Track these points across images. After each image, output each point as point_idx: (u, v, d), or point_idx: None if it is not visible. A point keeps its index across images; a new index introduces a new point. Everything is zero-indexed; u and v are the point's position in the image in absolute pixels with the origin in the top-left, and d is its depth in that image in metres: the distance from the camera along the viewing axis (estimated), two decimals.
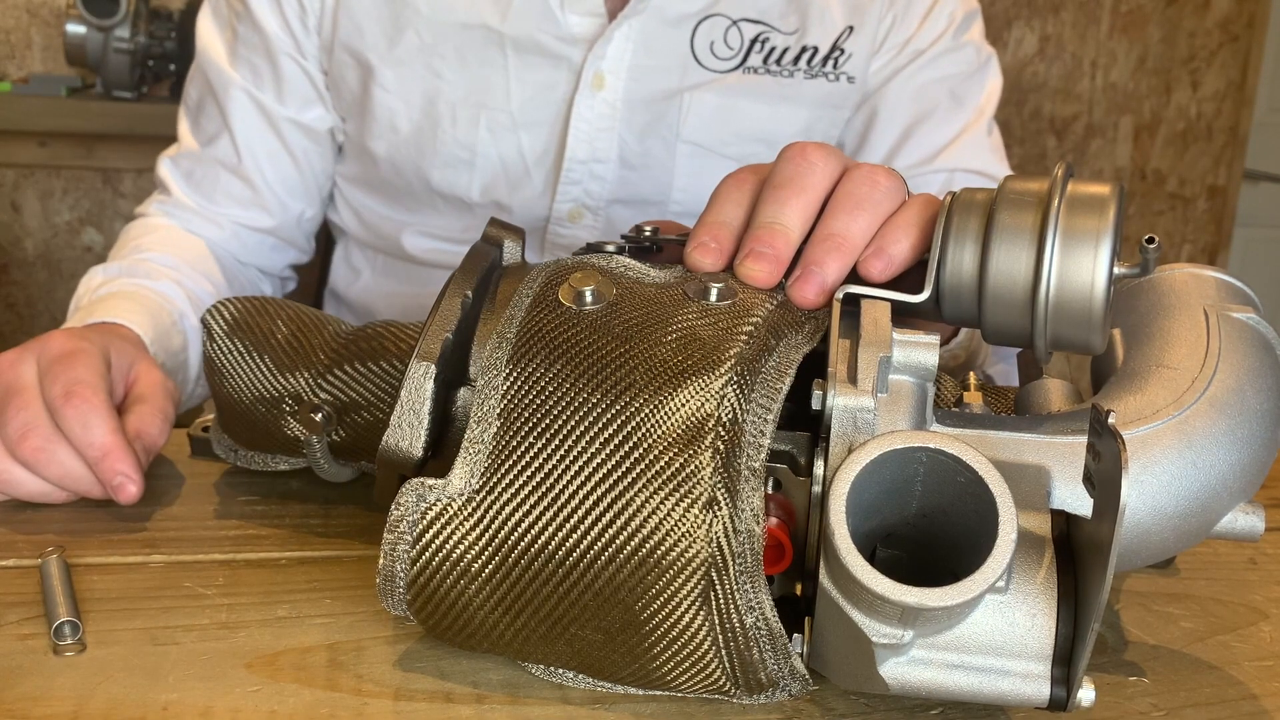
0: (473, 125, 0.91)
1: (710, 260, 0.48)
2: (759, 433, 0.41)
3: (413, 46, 0.90)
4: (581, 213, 0.94)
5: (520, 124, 0.92)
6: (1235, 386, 0.46)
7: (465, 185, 0.93)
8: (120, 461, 0.57)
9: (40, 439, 0.57)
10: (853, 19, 0.94)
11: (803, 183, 0.49)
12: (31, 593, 0.50)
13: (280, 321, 0.57)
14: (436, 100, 0.91)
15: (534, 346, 0.43)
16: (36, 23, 2.51)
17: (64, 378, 0.59)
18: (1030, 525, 0.41)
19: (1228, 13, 2.98)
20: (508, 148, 0.92)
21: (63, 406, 0.57)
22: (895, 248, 0.47)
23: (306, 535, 0.56)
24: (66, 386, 0.58)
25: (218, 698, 0.43)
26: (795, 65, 0.93)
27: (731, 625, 0.40)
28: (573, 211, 0.94)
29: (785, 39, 0.93)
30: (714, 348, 0.42)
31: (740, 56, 0.93)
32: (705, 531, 0.39)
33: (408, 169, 0.94)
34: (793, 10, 0.93)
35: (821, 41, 0.93)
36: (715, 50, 0.92)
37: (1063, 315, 0.44)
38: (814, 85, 0.94)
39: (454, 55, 0.90)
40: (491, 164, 0.92)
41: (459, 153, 0.92)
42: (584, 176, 0.93)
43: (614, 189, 0.93)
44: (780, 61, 0.93)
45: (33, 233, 2.68)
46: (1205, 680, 0.48)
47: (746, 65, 0.93)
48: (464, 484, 0.41)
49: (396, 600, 0.43)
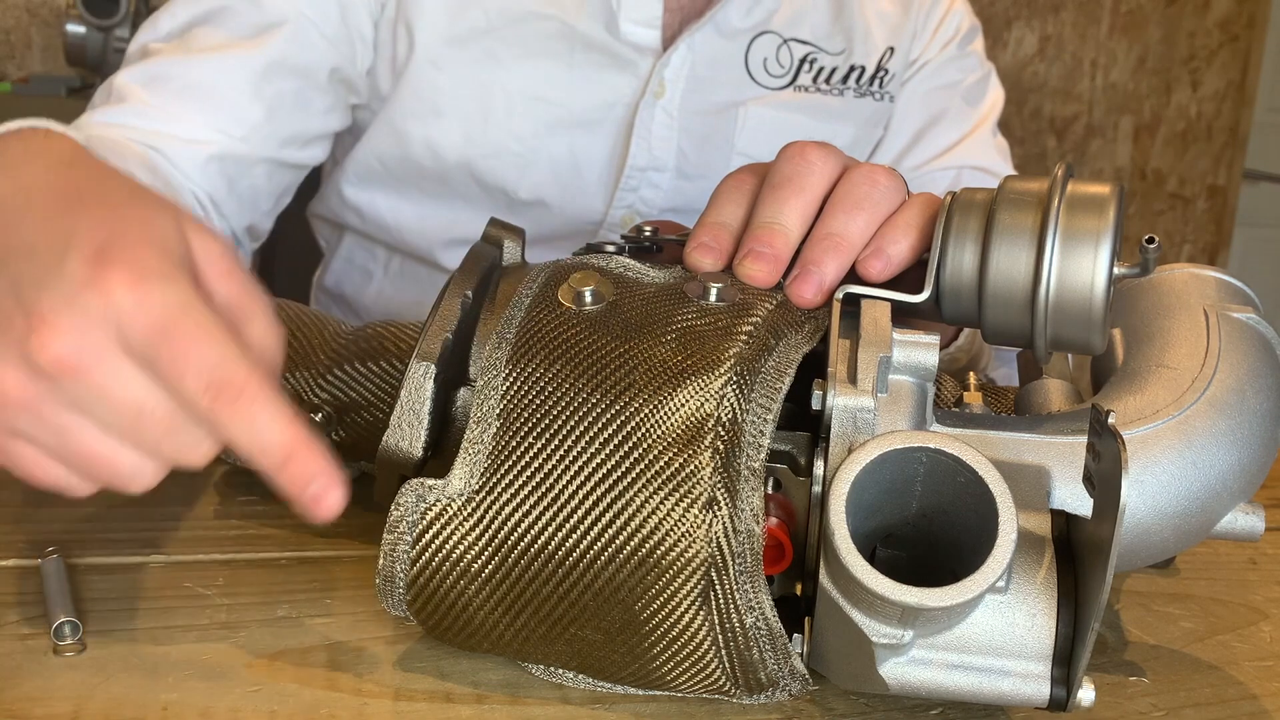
0: (528, 118, 0.90)
1: (709, 260, 0.48)
2: (759, 433, 0.41)
3: (476, 27, 0.88)
4: (634, 219, 0.94)
5: (580, 124, 0.91)
6: (1235, 386, 0.46)
7: (514, 180, 0.92)
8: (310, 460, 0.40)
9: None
10: (893, 40, 0.97)
11: (801, 182, 0.49)
12: (31, 593, 0.50)
13: (280, 321, 0.57)
14: (491, 86, 0.90)
15: (533, 347, 0.43)
16: (36, 23, 2.51)
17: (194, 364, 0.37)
18: (1030, 525, 0.41)
19: (1228, 13, 2.98)
20: (560, 147, 0.92)
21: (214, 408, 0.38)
22: (894, 248, 0.47)
23: (306, 535, 0.56)
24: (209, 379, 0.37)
25: (218, 698, 0.43)
26: (844, 84, 0.97)
27: (731, 625, 0.40)
28: (626, 218, 0.94)
29: (833, 59, 0.96)
30: (713, 348, 0.42)
31: (791, 75, 0.95)
32: (705, 531, 0.39)
33: (449, 154, 0.91)
34: (838, 32, 0.96)
35: (868, 62, 0.97)
36: (768, 68, 0.95)
37: (1063, 315, 0.44)
38: (861, 104, 0.97)
39: (518, 43, 0.89)
40: (542, 161, 0.92)
41: (510, 144, 0.91)
42: (641, 184, 0.93)
43: (669, 198, 0.94)
44: (830, 80, 0.96)
45: None
46: (1205, 680, 0.48)
47: (797, 84, 0.95)
48: (464, 484, 0.41)
49: (396, 601, 0.43)
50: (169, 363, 0.37)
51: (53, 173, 0.45)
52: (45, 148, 0.47)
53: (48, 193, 0.43)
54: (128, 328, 0.37)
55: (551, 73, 0.90)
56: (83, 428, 0.38)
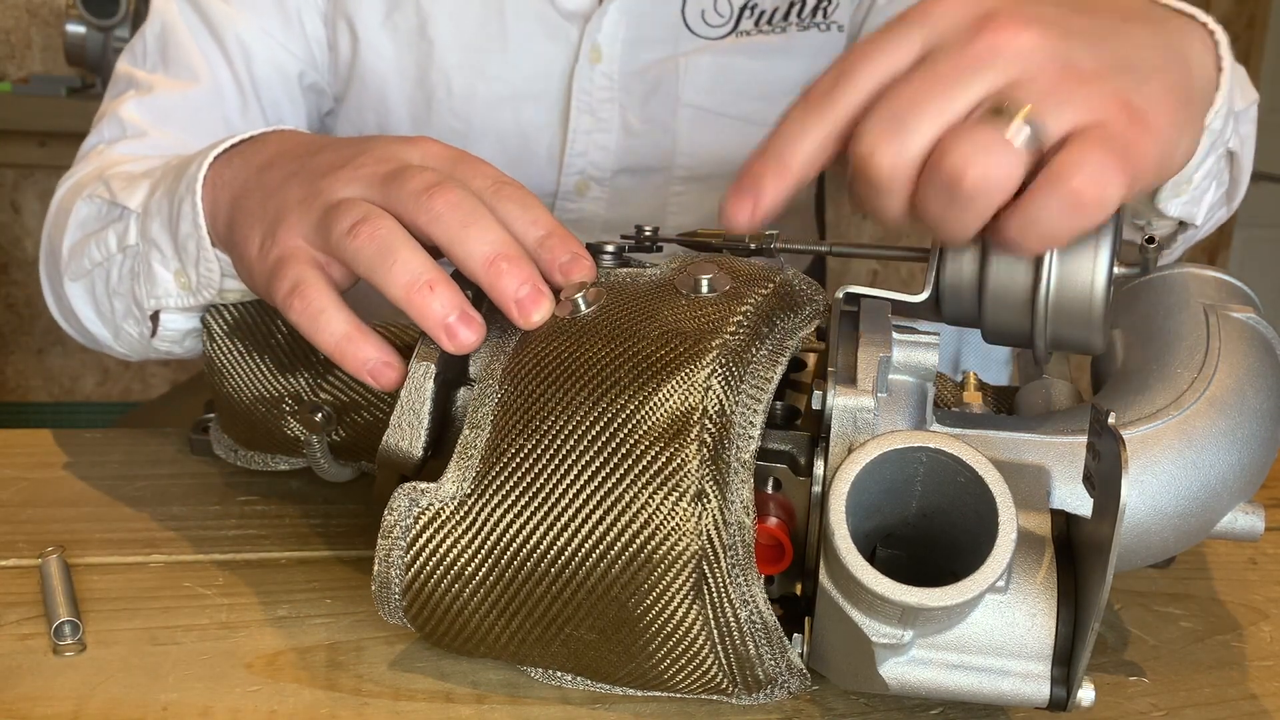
0: (468, 96, 0.91)
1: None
2: (748, 423, 0.41)
3: (409, 12, 0.89)
4: (588, 185, 0.94)
5: (521, 96, 0.91)
6: (1235, 386, 0.46)
7: None
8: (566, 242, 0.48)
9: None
10: None
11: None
12: (31, 593, 0.50)
13: (280, 322, 0.57)
14: (428, 68, 0.90)
15: (525, 355, 0.43)
16: (36, 23, 2.51)
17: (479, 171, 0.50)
18: (1030, 525, 0.41)
19: (1228, 13, 2.98)
20: (505, 122, 0.92)
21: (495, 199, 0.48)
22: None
23: (306, 535, 0.57)
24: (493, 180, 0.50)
25: (218, 698, 0.43)
26: (786, 20, 0.95)
27: (726, 619, 0.40)
28: (579, 184, 0.94)
29: (774, 1, 0.94)
30: (698, 339, 0.42)
31: (731, 23, 0.94)
32: (694, 525, 0.39)
33: None
34: None
35: None
36: (707, 19, 0.93)
37: (1063, 315, 0.44)
38: (806, 37, 0.95)
39: (450, 24, 0.90)
40: (489, 137, 0.92)
41: (454, 123, 0.91)
42: (588, 147, 0.93)
43: (618, 158, 0.93)
44: (771, 21, 0.94)
45: (33, 233, 2.68)
46: (1205, 680, 0.48)
47: (739, 30, 0.94)
48: (456, 488, 0.41)
49: (392, 608, 0.43)
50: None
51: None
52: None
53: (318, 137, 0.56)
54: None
55: (485, 47, 0.90)
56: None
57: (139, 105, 0.84)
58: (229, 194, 0.55)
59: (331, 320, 0.47)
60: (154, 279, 0.61)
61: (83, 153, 0.82)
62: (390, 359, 0.46)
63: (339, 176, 0.49)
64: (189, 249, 0.58)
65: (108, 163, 0.76)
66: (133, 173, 0.68)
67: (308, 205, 0.49)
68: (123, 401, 2.85)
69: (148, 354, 0.68)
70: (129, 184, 0.66)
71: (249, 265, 0.52)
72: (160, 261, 0.60)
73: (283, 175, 0.52)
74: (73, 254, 0.70)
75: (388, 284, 0.45)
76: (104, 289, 0.67)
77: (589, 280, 0.46)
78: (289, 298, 0.47)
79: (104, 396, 2.85)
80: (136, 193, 0.64)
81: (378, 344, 0.46)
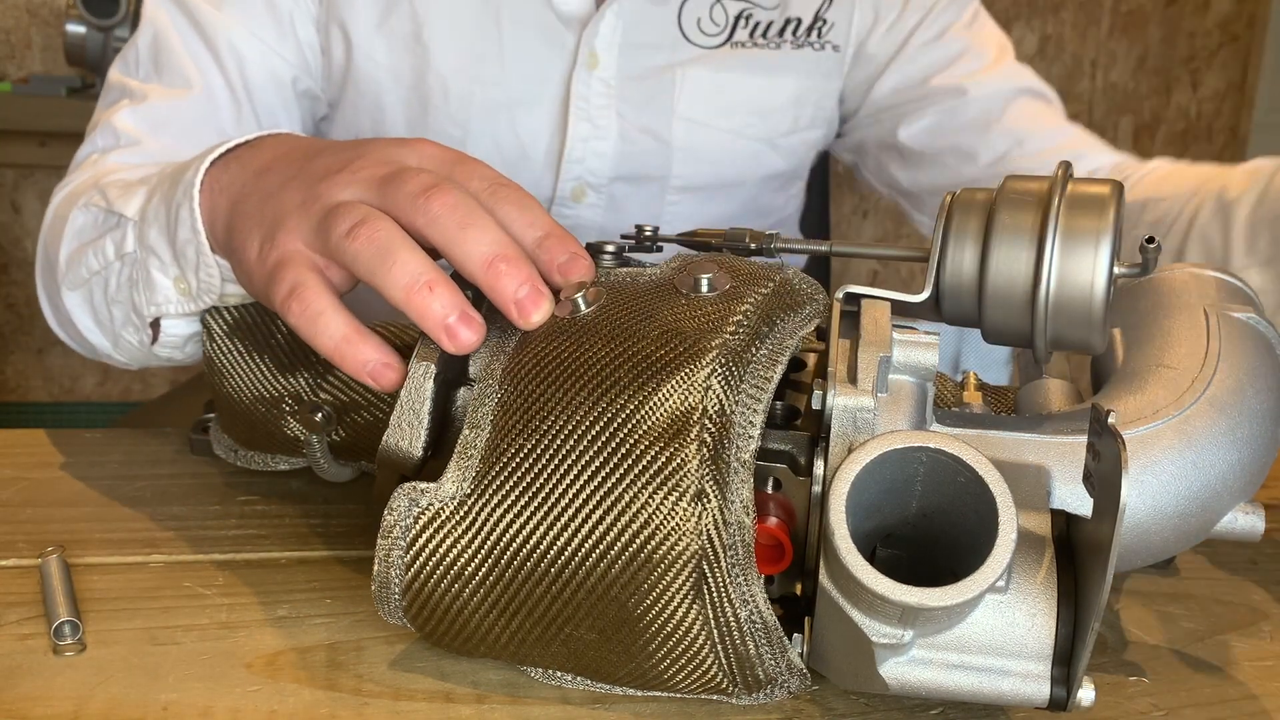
0: (464, 101, 0.91)
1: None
2: (748, 423, 0.41)
3: (403, 11, 0.89)
4: (584, 191, 0.94)
5: (518, 102, 0.92)
6: (1235, 386, 0.46)
7: None
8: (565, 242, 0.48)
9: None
10: None
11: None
12: (31, 593, 0.50)
13: (280, 322, 0.57)
14: (424, 72, 0.90)
15: (525, 355, 0.43)
16: (36, 23, 2.51)
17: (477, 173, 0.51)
18: (1030, 525, 0.41)
19: (1228, 13, 2.98)
20: (502, 127, 0.92)
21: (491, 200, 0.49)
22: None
23: (306, 535, 0.57)
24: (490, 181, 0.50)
25: (218, 698, 0.43)
26: (781, 37, 0.96)
27: (725, 619, 0.40)
28: (576, 190, 0.94)
29: (768, 14, 0.95)
30: (697, 339, 0.42)
31: (726, 32, 0.94)
32: (694, 524, 0.39)
33: None
34: None
35: (804, 13, 0.96)
36: (702, 27, 0.94)
37: (1063, 315, 0.44)
38: (800, 56, 0.96)
39: (447, 28, 0.90)
40: (485, 142, 0.92)
41: (451, 130, 0.91)
42: (586, 154, 0.93)
43: (615, 165, 0.94)
44: (766, 34, 0.95)
45: (33, 233, 2.68)
46: (1205, 680, 0.48)
47: (734, 40, 0.95)
48: (455, 488, 0.41)
49: (393, 609, 0.43)
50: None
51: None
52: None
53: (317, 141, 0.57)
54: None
55: (482, 51, 0.90)
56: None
57: (133, 114, 0.84)
58: (227, 199, 0.55)
59: (330, 322, 0.47)
60: (153, 286, 0.61)
61: (77, 162, 0.83)
62: (390, 360, 0.46)
63: (337, 179, 0.49)
64: (188, 255, 0.57)
65: (103, 171, 0.76)
66: (128, 180, 0.68)
67: (306, 208, 0.49)
68: (123, 401, 2.85)
69: (148, 361, 0.68)
70: (125, 191, 0.66)
71: (248, 269, 0.52)
72: (159, 268, 0.60)
73: (280, 179, 0.52)
74: (70, 263, 0.69)
75: (387, 285, 0.45)
76: (102, 297, 0.67)
77: (588, 280, 0.46)
78: (287, 301, 0.47)
79: (104, 396, 2.85)
80: (133, 200, 0.64)
81: (377, 345, 0.46)
